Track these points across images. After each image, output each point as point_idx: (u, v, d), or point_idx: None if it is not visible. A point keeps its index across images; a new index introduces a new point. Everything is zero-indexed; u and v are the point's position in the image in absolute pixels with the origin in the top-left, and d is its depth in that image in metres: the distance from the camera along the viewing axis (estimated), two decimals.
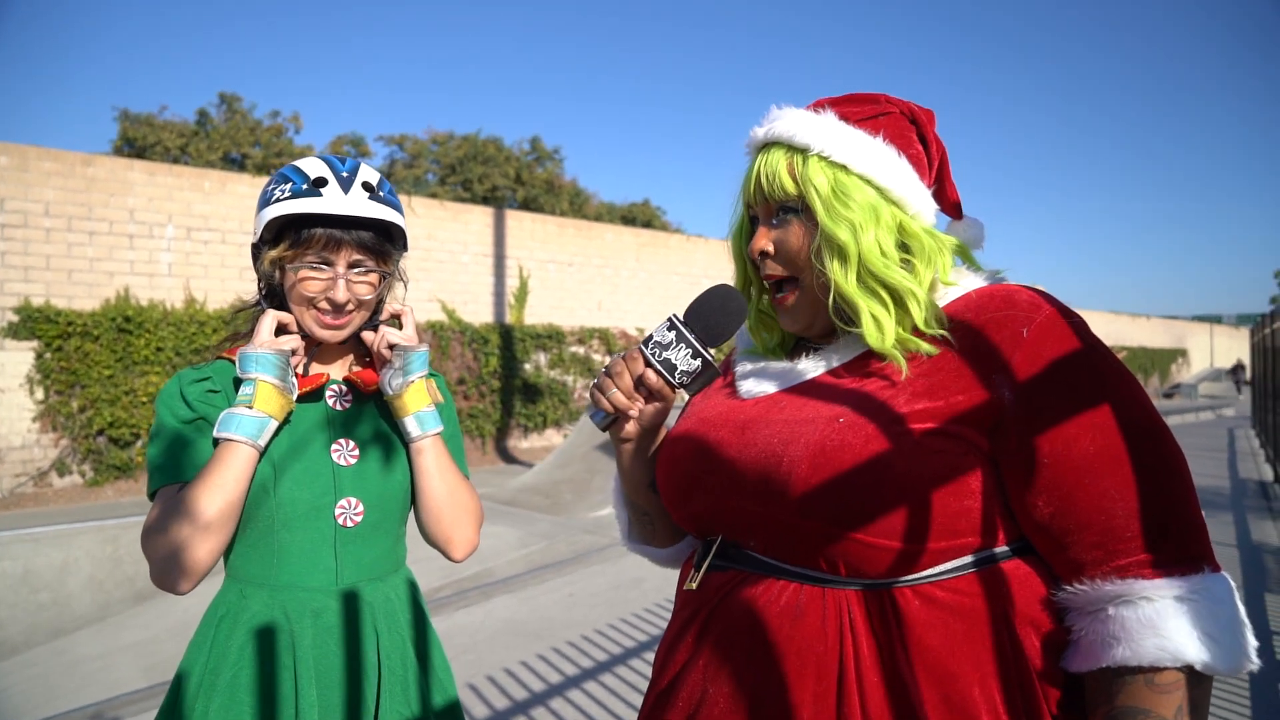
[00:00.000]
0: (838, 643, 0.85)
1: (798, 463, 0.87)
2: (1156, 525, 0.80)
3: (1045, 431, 0.83)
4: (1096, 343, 0.87)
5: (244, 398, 1.25)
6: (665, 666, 1.00)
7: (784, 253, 0.99)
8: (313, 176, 1.29)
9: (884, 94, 1.02)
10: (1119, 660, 0.79)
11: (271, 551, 1.28)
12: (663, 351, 0.98)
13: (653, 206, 32.62)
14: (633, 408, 1.01)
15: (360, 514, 1.33)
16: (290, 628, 1.27)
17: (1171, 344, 39.40)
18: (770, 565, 0.91)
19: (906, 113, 1.01)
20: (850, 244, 0.92)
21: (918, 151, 0.99)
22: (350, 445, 1.36)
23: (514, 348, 13.29)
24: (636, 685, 3.48)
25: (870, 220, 0.93)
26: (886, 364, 0.92)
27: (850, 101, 1.01)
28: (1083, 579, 0.82)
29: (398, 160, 28.55)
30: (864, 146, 0.95)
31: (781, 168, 0.97)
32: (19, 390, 8.91)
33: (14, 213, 8.96)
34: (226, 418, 1.24)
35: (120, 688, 3.81)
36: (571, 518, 7.09)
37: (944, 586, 0.85)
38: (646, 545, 1.21)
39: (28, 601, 5.60)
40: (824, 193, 0.94)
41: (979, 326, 0.88)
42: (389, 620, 1.34)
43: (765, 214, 1.01)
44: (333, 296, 1.30)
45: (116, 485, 9.36)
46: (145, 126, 22.37)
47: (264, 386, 1.25)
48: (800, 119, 0.97)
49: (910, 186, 0.96)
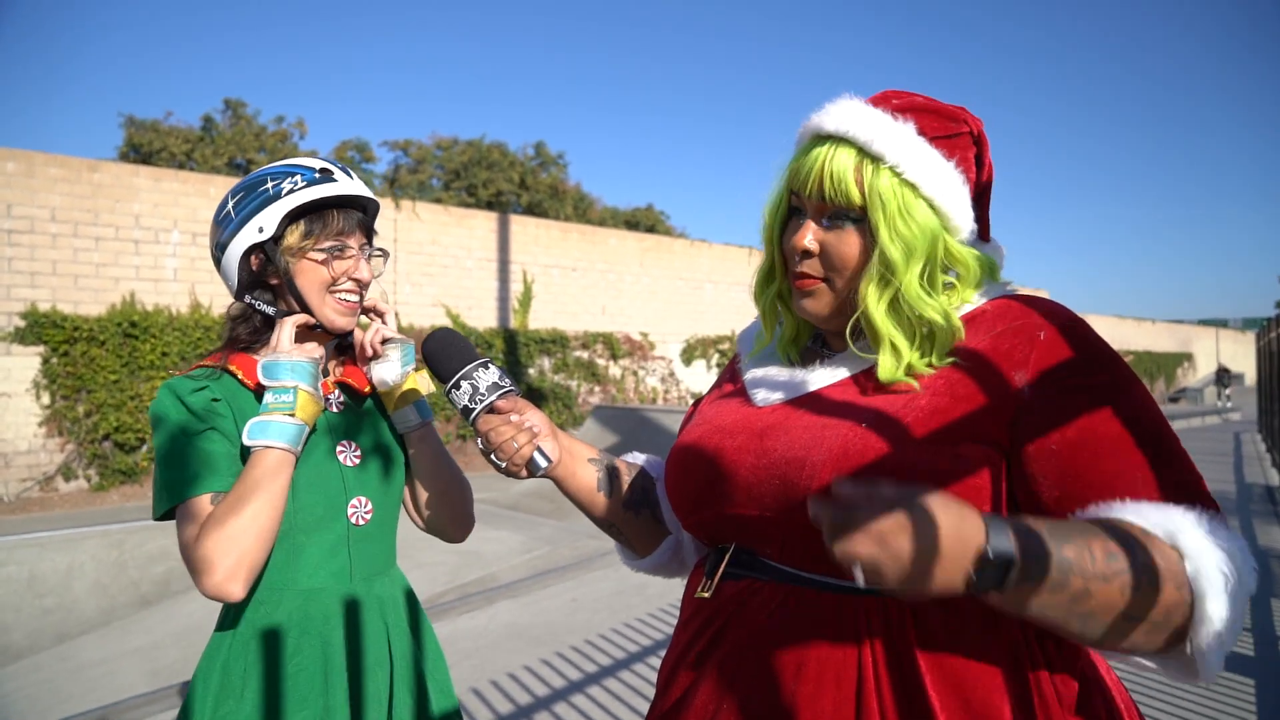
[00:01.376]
0: (856, 650, 0.85)
1: (821, 467, 0.86)
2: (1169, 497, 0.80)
3: (1059, 422, 0.84)
4: (1106, 347, 0.89)
5: (282, 405, 1.25)
6: (675, 674, 0.99)
7: (831, 258, 0.95)
8: (318, 168, 1.33)
9: (963, 108, 0.99)
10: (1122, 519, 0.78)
11: (289, 554, 1.30)
12: (476, 392, 1.11)
13: (656, 211, 32.67)
14: (520, 433, 1.07)
15: (370, 513, 1.37)
16: (313, 627, 1.29)
17: (1177, 348, 39.32)
18: (788, 573, 0.91)
19: (975, 133, 0.98)
20: (900, 268, 0.90)
21: (973, 174, 0.98)
22: (353, 446, 1.39)
23: (518, 352, 13.30)
24: (640, 690, 3.48)
25: (926, 247, 0.91)
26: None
27: (931, 112, 0.96)
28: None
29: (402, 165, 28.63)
30: (938, 169, 0.92)
31: (849, 171, 0.91)
32: (25, 395, 8.94)
33: (21, 218, 9.01)
34: (265, 425, 1.23)
35: (125, 692, 3.81)
36: (575, 522, 7.08)
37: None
38: (635, 559, 1.22)
39: (33, 606, 5.61)
40: (890, 209, 0.90)
41: (1000, 332, 0.90)
42: (394, 613, 1.39)
43: (817, 212, 0.96)
44: (359, 275, 1.35)
45: (122, 490, 9.38)
46: (151, 132, 22.47)
47: (303, 394, 1.26)
48: (877, 123, 0.92)
49: (965, 211, 0.94)
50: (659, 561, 1.19)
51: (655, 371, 15.80)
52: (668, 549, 1.18)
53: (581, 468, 1.16)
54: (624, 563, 1.25)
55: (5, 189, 8.91)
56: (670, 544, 1.18)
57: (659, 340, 15.95)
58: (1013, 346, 0.88)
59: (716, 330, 17.10)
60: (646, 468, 1.23)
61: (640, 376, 15.47)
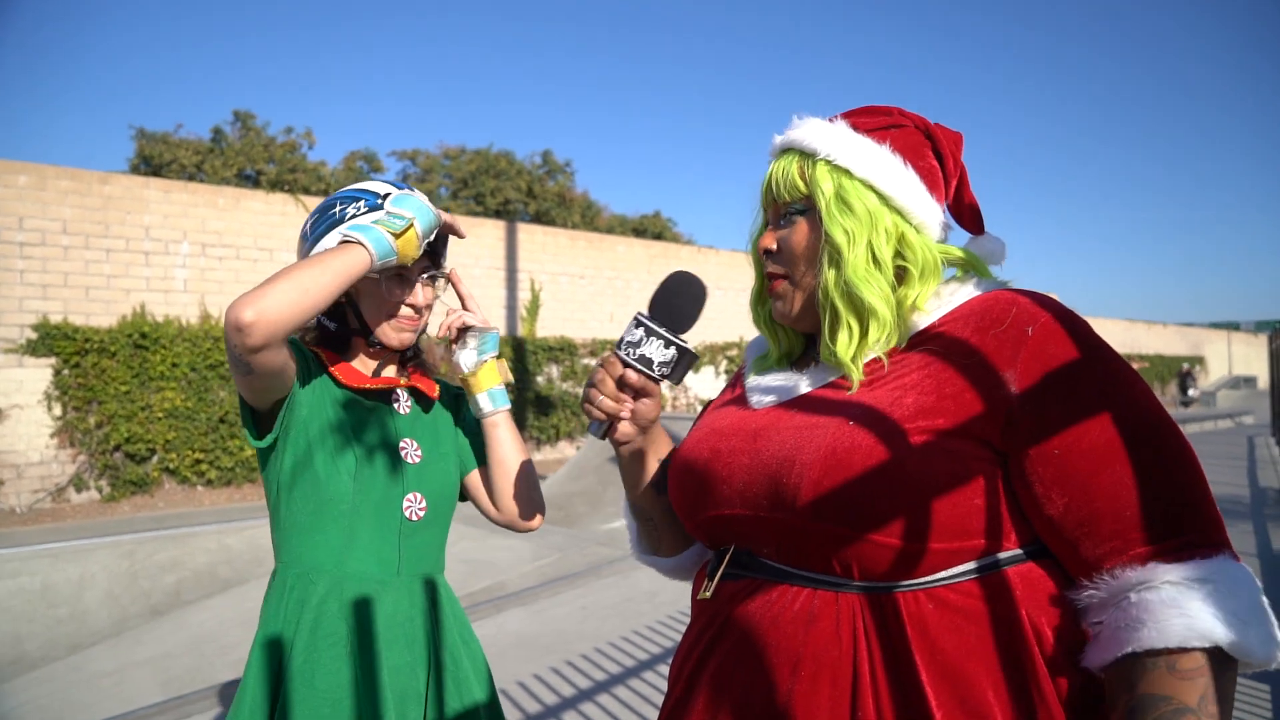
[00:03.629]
0: (851, 647, 0.85)
1: (809, 466, 0.87)
2: (1172, 513, 0.80)
3: (1055, 424, 0.83)
4: (1100, 341, 0.88)
5: (391, 225, 1.29)
6: (679, 677, 1.00)
7: (786, 251, 1.02)
8: (382, 193, 1.39)
9: (898, 108, 1.05)
10: (1143, 644, 0.77)
11: (343, 540, 1.35)
12: (636, 349, 0.99)
13: (664, 218, 32.68)
14: (622, 409, 1.02)
15: (424, 509, 1.43)
16: (354, 612, 1.33)
17: (1188, 351, 39.10)
18: (783, 571, 0.92)
19: (921, 127, 1.04)
20: (845, 248, 0.95)
21: (930, 165, 1.01)
22: (415, 445, 1.45)
23: (526, 360, 13.33)
24: (649, 698, 3.47)
25: (866, 228, 0.96)
26: (894, 370, 0.93)
27: (864, 113, 1.05)
28: (1101, 573, 0.82)
29: (410, 175, 28.74)
30: (867, 153, 0.98)
31: (794, 170, 1.01)
32: (37, 406, 9.00)
33: (33, 231, 9.08)
34: (366, 227, 1.27)
35: (136, 701, 3.83)
36: (584, 530, 7.08)
37: (957, 589, 0.85)
38: (653, 555, 1.21)
39: (46, 616, 5.64)
40: (828, 195, 0.97)
41: (986, 328, 0.90)
42: (439, 612, 1.44)
43: (775, 215, 1.05)
44: (415, 302, 1.44)
45: (133, 500, 9.42)
46: (161, 144, 22.62)
47: (413, 231, 1.31)
48: (814, 127, 1.01)
49: (915, 197, 0.98)
50: (682, 564, 1.20)
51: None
52: (695, 555, 1.19)
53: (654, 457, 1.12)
54: (638, 557, 1.24)
55: (17, 202, 8.99)
56: (698, 550, 1.19)
57: None
58: (1001, 342, 0.87)
59: (724, 337, 17.09)
60: None
61: None
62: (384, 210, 1.34)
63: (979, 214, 1.07)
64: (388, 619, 1.35)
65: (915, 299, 0.95)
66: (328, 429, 1.36)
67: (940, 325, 0.94)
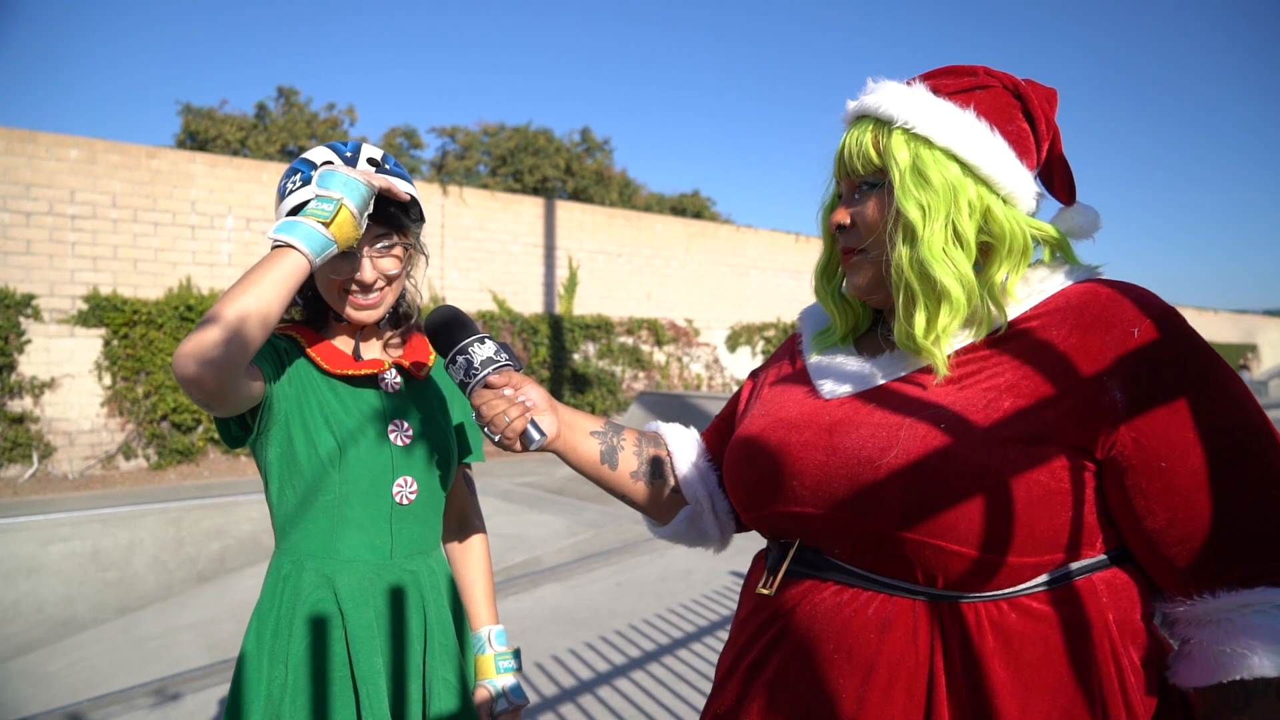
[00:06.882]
0: (929, 656, 0.82)
1: (898, 472, 0.82)
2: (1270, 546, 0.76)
3: (1161, 436, 0.79)
4: (1203, 343, 0.82)
5: (319, 213, 1.16)
6: (733, 671, 0.97)
7: (860, 226, 0.95)
8: (319, 161, 1.31)
9: (984, 67, 0.96)
10: (1255, 672, 0.74)
11: (332, 526, 1.33)
12: (473, 368, 1.09)
13: (702, 197, 32.42)
14: (514, 406, 1.06)
15: (414, 492, 1.39)
16: (347, 598, 1.31)
17: (1241, 339, 37.99)
18: (857, 574, 0.87)
19: (1010, 86, 0.95)
20: (919, 225, 0.87)
21: (1020, 128, 0.93)
22: (405, 426, 1.40)
23: (563, 338, 13.36)
24: (684, 676, 3.47)
25: (945, 202, 0.88)
26: (986, 368, 0.87)
27: (945, 74, 0.96)
28: (1201, 588, 0.78)
29: (450, 151, 28.84)
30: (949, 118, 0.90)
31: (868, 140, 0.93)
32: (88, 376, 9.23)
33: (83, 204, 9.27)
34: (294, 225, 1.15)
35: (182, 664, 3.93)
36: (620, 507, 7.10)
37: (1041, 599, 0.81)
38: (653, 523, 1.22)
39: (96, 579, 5.81)
40: (903, 167, 0.89)
41: (1086, 326, 0.84)
42: (434, 592, 1.41)
43: (848, 189, 0.98)
44: (360, 278, 1.31)
45: (179, 469, 9.65)
46: (206, 120, 22.94)
47: (345, 211, 1.18)
48: (889, 91, 0.93)
49: (1003, 165, 0.89)
50: (677, 530, 1.18)
51: (700, 358, 15.74)
52: (684, 519, 1.17)
53: (583, 441, 1.14)
54: (648, 529, 1.24)
55: (69, 175, 9.18)
56: (687, 514, 1.16)
57: (704, 326, 15.89)
58: (1105, 345, 0.82)
59: (761, 317, 16.97)
60: (665, 436, 1.21)
61: (685, 363, 15.43)
62: (313, 193, 1.21)
63: (1072, 181, 0.98)
64: (380, 600, 1.33)
65: (1005, 281, 0.89)
66: (310, 418, 1.32)
67: (1032, 318, 0.88)
